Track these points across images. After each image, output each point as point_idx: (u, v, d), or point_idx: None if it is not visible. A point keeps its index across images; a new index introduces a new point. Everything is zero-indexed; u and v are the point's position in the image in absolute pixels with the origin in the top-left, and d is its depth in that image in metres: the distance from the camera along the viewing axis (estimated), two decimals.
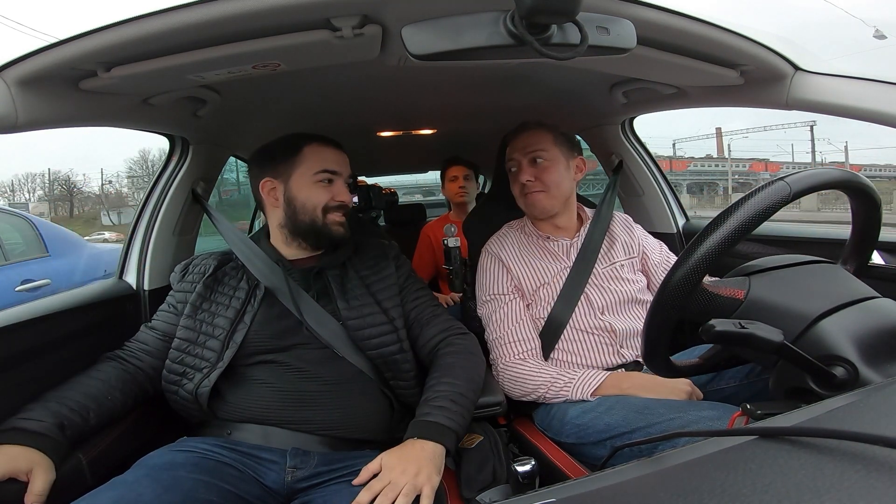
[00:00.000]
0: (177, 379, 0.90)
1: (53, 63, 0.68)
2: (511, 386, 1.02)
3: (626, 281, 1.10)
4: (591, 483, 0.35)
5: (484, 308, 1.12)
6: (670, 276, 0.58)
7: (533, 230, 1.17)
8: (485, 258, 1.16)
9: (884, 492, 0.26)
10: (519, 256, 1.12)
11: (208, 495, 0.71)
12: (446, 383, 0.88)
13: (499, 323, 1.07)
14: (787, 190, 0.56)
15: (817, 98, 0.84)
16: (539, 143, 1.12)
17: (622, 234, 1.19)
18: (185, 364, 0.90)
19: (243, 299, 0.93)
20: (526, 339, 1.04)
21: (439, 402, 0.84)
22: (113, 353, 0.94)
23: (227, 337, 0.90)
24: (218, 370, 0.87)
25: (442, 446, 0.79)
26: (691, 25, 0.76)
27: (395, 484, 0.71)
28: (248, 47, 0.70)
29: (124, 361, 0.93)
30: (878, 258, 1.01)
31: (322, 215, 0.97)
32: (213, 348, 0.89)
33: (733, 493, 0.28)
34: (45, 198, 35.64)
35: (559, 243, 1.14)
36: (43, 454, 0.72)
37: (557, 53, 0.58)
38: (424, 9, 0.63)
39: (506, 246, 1.14)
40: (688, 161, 32.82)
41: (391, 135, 1.85)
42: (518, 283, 1.10)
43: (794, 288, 0.62)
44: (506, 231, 1.19)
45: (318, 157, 0.98)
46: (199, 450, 0.80)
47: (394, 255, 1.08)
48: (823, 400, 0.45)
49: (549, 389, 0.98)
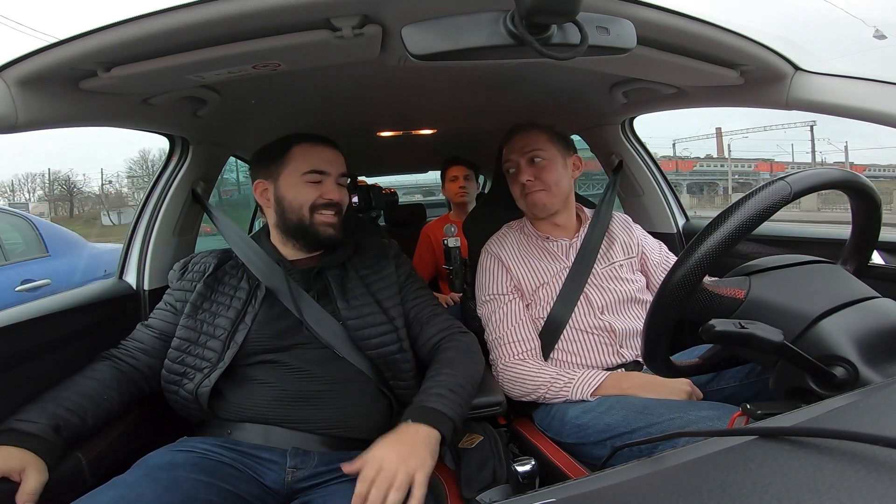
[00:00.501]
0: (177, 379, 0.89)
1: (53, 63, 0.68)
2: (511, 386, 1.03)
3: (625, 280, 1.10)
4: (591, 483, 0.35)
5: (484, 308, 1.12)
6: (671, 275, 0.58)
7: (532, 230, 1.17)
8: (484, 258, 1.16)
9: (884, 492, 0.26)
10: (518, 257, 1.12)
11: (208, 495, 0.71)
12: (445, 374, 0.88)
13: (498, 323, 1.07)
14: (788, 190, 0.56)
15: (817, 98, 0.84)
16: (536, 142, 1.12)
17: (621, 234, 1.19)
18: (186, 364, 0.90)
19: (244, 299, 0.93)
20: (526, 339, 1.04)
21: (437, 389, 0.84)
22: (108, 352, 0.93)
23: (229, 337, 0.89)
24: (219, 370, 0.87)
25: (437, 432, 0.76)
26: (691, 25, 0.76)
27: (386, 471, 0.68)
28: (248, 47, 0.70)
29: (119, 361, 0.92)
30: (878, 258, 1.01)
31: (309, 214, 0.96)
32: (214, 348, 0.89)
33: (733, 493, 0.28)
34: (45, 198, 35.64)
35: (559, 243, 1.14)
36: (35, 455, 0.71)
37: (557, 53, 0.58)
38: (424, 9, 0.63)
39: (505, 246, 1.15)
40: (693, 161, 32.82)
41: (391, 135, 1.85)
42: (518, 283, 1.11)
43: (794, 288, 0.62)
44: (505, 231, 1.20)
45: (305, 157, 0.97)
46: (199, 450, 0.80)
47: (394, 254, 1.07)
48: (823, 400, 0.45)
49: (548, 389, 0.98)
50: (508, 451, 0.97)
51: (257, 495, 0.78)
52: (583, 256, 1.10)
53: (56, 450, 0.75)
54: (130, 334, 0.98)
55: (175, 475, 0.72)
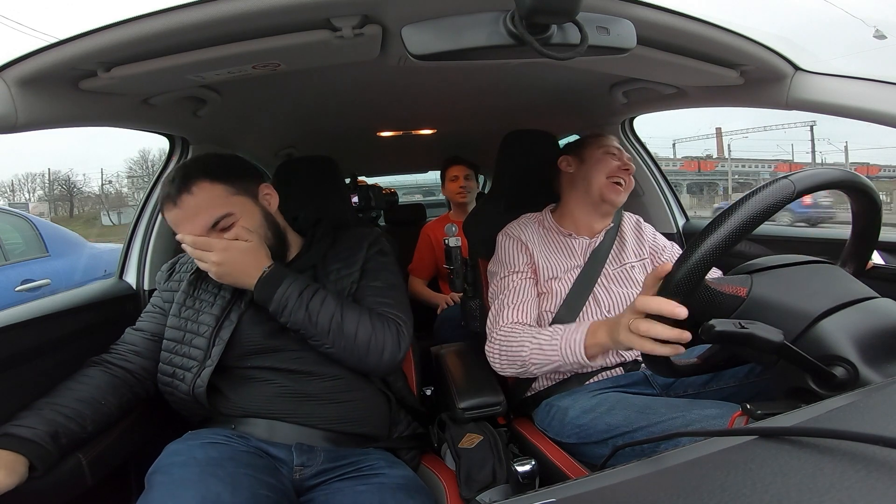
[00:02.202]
0: (169, 380, 0.89)
1: (53, 63, 0.68)
2: (500, 358, 0.98)
3: (635, 283, 1.10)
4: (591, 483, 0.35)
5: (497, 285, 1.09)
6: (674, 272, 0.58)
7: (554, 225, 1.17)
8: (503, 240, 1.15)
9: (884, 492, 0.26)
10: (539, 244, 1.12)
11: (258, 489, 0.71)
12: (332, 298, 0.87)
13: (505, 293, 1.05)
14: (791, 188, 0.56)
15: (817, 98, 0.85)
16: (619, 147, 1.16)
17: (631, 235, 1.19)
18: (174, 364, 0.89)
19: (229, 298, 0.92)
20: (525, 312, 1.02)
21: (310, 285, 0.87)
22: (98, 357, 0.91)
23: (213, 333, 0.88)
24: (208, 368, 0.86)
25: (259, 276, 0.84)
26: (691, 25, 0.76)
27: None
28: (248, 47, 0.70)
29: (111, 365, 0.90)
30: (878, 258, 1.01)
31: None
32: (199, 346, 0.88)
33: (733, 493, 0.28)
34: (45, 198, 35.60)
35: (580, 241, 1.14)
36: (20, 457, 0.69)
37: (557, 53, 0.58)
38: (424, 9, 0.63)
39: (526, 232, 1.14)
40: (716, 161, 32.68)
41: (391, 135, 1.85)
42: (535, 266, 1.09)
43: (795, 287, 0.62)
44: (525, 221, 1.18)
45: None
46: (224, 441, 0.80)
47: (371, 240, 1.01)
48: (823, 400, 0.45)
49: (531, 352, 0.92)
50: (508, 451, 0.97)
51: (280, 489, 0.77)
52: (595, 256, 1.10)
53: (51, 457, 0.73)
54: (120, 338, 0.96)
55: (235, 472, 0.72)
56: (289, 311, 0.84)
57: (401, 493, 0.77)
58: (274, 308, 0.84)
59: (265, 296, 0.84)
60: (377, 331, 0.88)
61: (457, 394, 0.99)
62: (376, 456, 0.86)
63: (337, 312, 0.86)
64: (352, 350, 0.86)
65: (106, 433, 0.86)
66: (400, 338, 0.91)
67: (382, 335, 0.89)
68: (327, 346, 0.86)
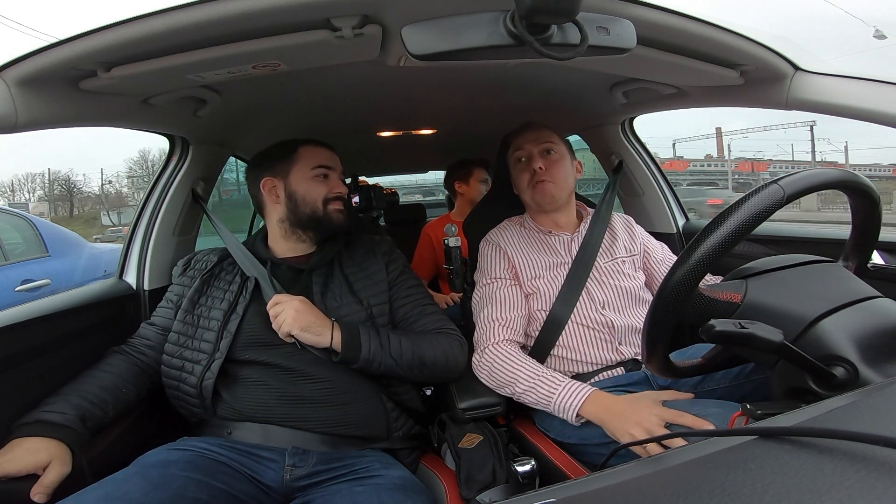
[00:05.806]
0: (176, 374, 0.91)
1: (53, 63, 0.68)
2: (487, 374, 0.99)
3: (627, 276, 1.10)
4: (591, 483, 0.35)
5: (479, 292, 1.12)
6: (667, 281, 0.58)
7: (533, 225, 1.17)
8: (484, 247, 1.17)
9: (884, 492, 0.26)
10: (518, 246, 1.13)
11: (198, 493, 0.71)
12: (402, 336, 0.94)
13: (489, 304, 1.06)
14: (781, 193, 0.56)
15: (817, 98, 0.84)
16: (549, 137, 1.15)
17: (623, 232, 1.19)
18: (184, 358, 0.92)
19: (236, 292, 0.96)
20: (513, 326, 1.03)
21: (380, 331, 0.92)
22: (119, 347, 0.98)
23: (222, 327, 0.92)
24: (217, 360, 0.89)
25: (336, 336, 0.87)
26: (691, 25, 0.76)
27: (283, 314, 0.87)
28: (248, 47, 0.70)
29: (132, 355, 0.96)
30: (878, 258, 1.01)
31: (323, 207, 1.03)
32: (209, 340, 0.92)
33: (733, 493, 0.28)
34: (45, 198, 35.62)
35: (560, 237, 1.15)
36: (65, 446, 0.74)
37: (557, 53, 0.58)
38: (424, 9, 0.63)
39: (504, 236, 1.16)
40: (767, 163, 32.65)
41: (391, 135, 1.85)
42: (516, 270, 1.11)
43: (792, 290, 0.62)
44: (506, 224, 1.21)
45: (312, 155, 1.05)
46: (197, 448, 0.81)
47: (384, 251, 1.08)
48: (823, 400, 0.45)
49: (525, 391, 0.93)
50: (508, 451, 0.97)
51: (252, 494, 0.78)
52: (585, 251, 1.10)
53: (84, 440, 0.77)
54: (136, 332, 1.01)
55: (166, 473, 0.72)
56: (378, 363, 0.89)
57: (399, 493, 0.77)
58: (362, 365, 0.89)
59: (352, 356, 0.88)
60: (447, 351, 0.97)
61: (456, 394, 0.99)
62: (372, 457, 0.87)
63: (414, 348, 0.93)
64: (431, 375, 0.97)
65: (106, 433, 0.87)
66: (462, 345, 1.01)
67: (452, 351, 0.98)
68: (413, 378, 0.96)
